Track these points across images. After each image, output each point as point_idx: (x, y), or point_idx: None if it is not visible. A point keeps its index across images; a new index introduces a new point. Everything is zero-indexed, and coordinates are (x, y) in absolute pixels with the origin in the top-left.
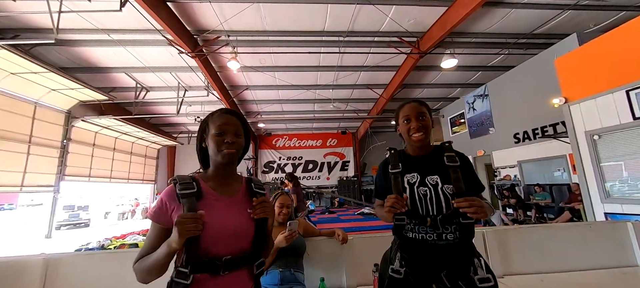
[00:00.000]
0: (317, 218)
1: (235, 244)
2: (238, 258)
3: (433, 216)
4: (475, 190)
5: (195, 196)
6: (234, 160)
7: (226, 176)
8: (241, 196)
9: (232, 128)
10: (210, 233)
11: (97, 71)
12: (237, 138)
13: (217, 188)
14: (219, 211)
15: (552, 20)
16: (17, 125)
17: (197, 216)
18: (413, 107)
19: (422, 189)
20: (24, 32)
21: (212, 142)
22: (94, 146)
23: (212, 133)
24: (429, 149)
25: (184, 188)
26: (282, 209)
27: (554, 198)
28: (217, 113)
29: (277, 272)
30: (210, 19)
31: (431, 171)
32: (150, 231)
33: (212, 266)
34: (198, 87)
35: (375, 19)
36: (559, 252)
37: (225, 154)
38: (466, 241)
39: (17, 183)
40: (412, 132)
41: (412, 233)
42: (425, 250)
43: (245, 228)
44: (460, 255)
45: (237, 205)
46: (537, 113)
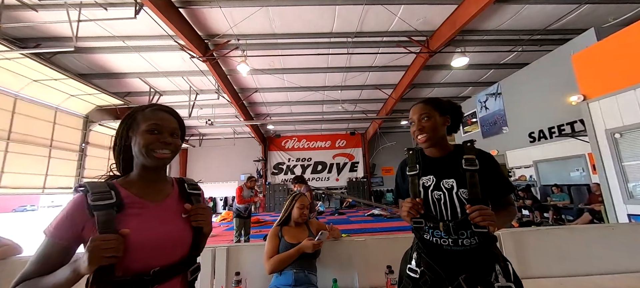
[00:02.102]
0: (326, 219)
1: (167, 254)
2: (170, 267)
3: (446, 221)
4: (502, 191)
5: (113, 207)
6: (167, 164)
7: (154, 180)
8: (173, 201)
9: (169, 127)
10: (138, 248)
11: (112, 76)
12: (174, 138)
13: (142, 194)
14: (146, 221)
15: (568, 15)
16: (39, 130)
17: (116, 239)
18: (416, 109)
19: (436, 193)
20: (46, 41)
21: (141, 139)
22: (110, 149)
23: (143, 129)
24: (447, 150)
25: (99, 199)
26: (303, 210)
27: (572, 199)
28: (151, 108)
29: (291, 273)
30: (221, 23)
31: (447, 174)
32: (43, 248)
33: (138, 283)
34: (209, 91)
35: (384, 19)
36: (579, 255)
37: (157, 157)
38: (486, 246)
39: (39, 185)
40: (416, 134)
41: (429, 236)
42: (442, 254)
43: (180, 237)
44: (480, 261)
45: (169, 211)
46: (553, 111)
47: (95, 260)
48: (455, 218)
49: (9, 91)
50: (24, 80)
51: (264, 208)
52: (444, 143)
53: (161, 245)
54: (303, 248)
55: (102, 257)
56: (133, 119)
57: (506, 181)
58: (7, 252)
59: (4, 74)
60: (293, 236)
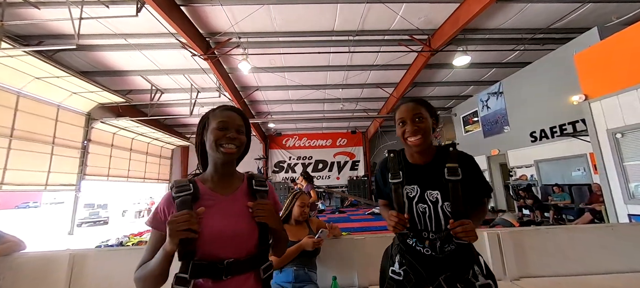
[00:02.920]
0: (327, 218)
1: (237, 246)
2: (242, 261)
3: (431, 236)
4: (481, 193)
5: (191, 196)
6: (234, 159)
7: (225, 176)
8: (241, 195)
9: (234, 124)
10: (209, 235)
11: (114, 74)
12: (239, 134)
13: (215, 188)
14: (217, 212)
15: (571, 14)
16: (42, 127)
17: (190, 214)
18: (408, 108)
19: (421, 206)
20: (48, 38)
21: (211, 136)
22: (112, 146)
23: (213, 127)
24: (430, 154)
25: (179, 191)
26: (304, 208)
27: (573, 199)
28: (220, 108)
29: (292, 271)
30: (222, 21)
31: (431, 185)
32: (149, 238)
33: (213, 270)
34: (210, 89)
35: (386, 18)
36: (579, 255)
37: (224, 151)
38: (465, 250)
39: (41, 182)
40: (408, 135)
41: (412, 242)
42: (424, 260)
43: (246, 229)
44: (459, 262)
45: (237, 205)
46: (555, 111)
47: (173, 234)
48: (439, 229)
49: (11, 89)
50: (26, 77)
51: None
52: (430, 148)
53: (228, 235)
54: (303, 246)
55: (178, 231)
56: (206, 119)
57: (486, 185)
58: (11, 248)
59: (6, 72)
60: (293, 234)
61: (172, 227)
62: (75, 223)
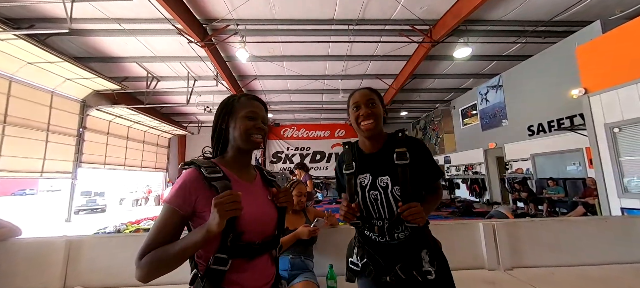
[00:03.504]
0: (324, 208)
1: (264, 229)
2: (267, 242)
3: (380, 224)
4: (432, 177)
5: (226, 178)
6: (258, 148)
7: (245, 163)
8: (260, 184)
9: (262, 114)
10: (245, 218)
11: (109, 60)
12: (265, 125)
13: (238, 174)
14: (247, 196)
15: (575, 6)
16: (36, 114)
17: (237, 194)
18: (363, 94)
19: (373, 193)
20: (39, 21)
21: (241, 124)
22: (108, 134)
23: (242, 115)
24: (380, 142)
25: (212, 172)
26: (300, 197)
27: (567, 193)
28: (247, 97)
29: (288, 259)
30: (219, 7)
31: (382, 171)
32: (164, 218)
33: (249, 250)
34: (207, 77)
35: (387, 7)
36: (572, 246)
37: (254, 141)
38: (417, 235)
39: (37, 169)
40: (361, 119)
41: (368, 232)
42: (379, 248)
43: (270, 214)
44: (412, 249)
45: (258, 192)
46: (554, 105)
47: (223, 213)
48: (391, 215)
49: (4, 74)
50: (18, 62)
51: None
52: (381, 135)
53: (260, 218)
54: (299, 235)
55: (228, 210)
56: (231, 106)
57: (436, 168)
58: (6, 234)
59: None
60: (290, 223)
61: (221, 207)
62: (73, 211)
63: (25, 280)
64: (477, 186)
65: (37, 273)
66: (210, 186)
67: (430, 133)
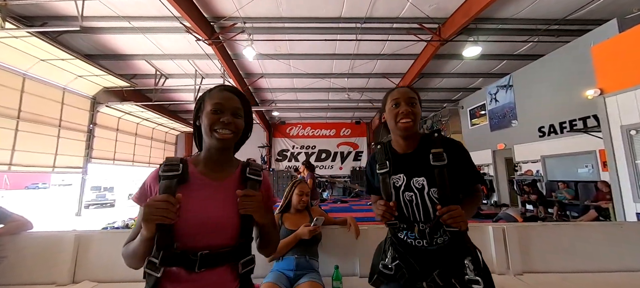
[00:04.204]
0: (329, 207)
1: (216, 237)
2: (219, 254)
3: (420, 226)
4: (470, 180)
5: (177, 178)
6: (230, 144)
7: (219, 161)
8: (232, 183)
9: (231, 106)
10: (187, 223)
11: (119, 58)
12: (235, 118)
13: (206, 172)
14: (201, 198)
15: (590, 5)
16: (48, 110)
17: (169, 200)
18: (404, 91)
19: (408, 194)
20: (52, 19)
21: (205, 119)
22: (117, 131)
23: (207, 110)
24: (415, 142)
25: (167, 170)
26: (302, 196)
27: (578, 196)
28: (216, 89)
29: (293, 259)
30: (227, 5)
31: (417, 172)
32: (137, 215)
33: (185, 260)
34: (214, 75)
35: (395, 5)
36: (585, 252)
37: (218, 137)
38: (458, 241)
39: (49, 164)
40: (400, 117)
41: (403, 235)
42: (416, 253)
43: (228, 220)
44: (453, 255)
45: (224, 192)
46: (566, 106)
47: (147, 219)
48: (427, 218)
49: (18, 70)
50: (32, 59)
51: None
52: (415, 136)
53: (206, 224)
54: (300, 235)
55: (153, 216)
56: (202, 101)
57: (475, 171)
58: (18, 227)
59: (12, 53)
60: (293, 223)
61: (147, 211)
62: (83, 205)
63: (35, 273)
64: (484, 187)
65: (46, 267)
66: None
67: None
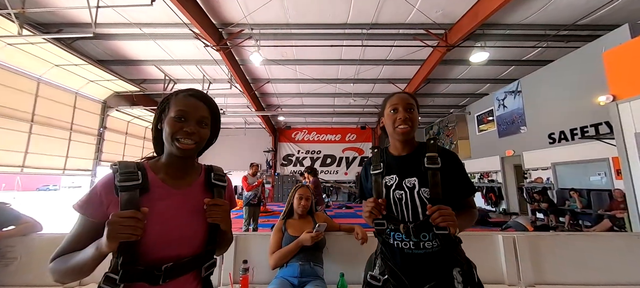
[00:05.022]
0: (334, 213)
1: (181, 247)
2: (183, 263)
3: (406, 223)
4: (464, 192)
5: (138, 188)
6: (192, 155)
7: (181, 167)
8: (196, 190)
9: (196, 114)
10: (151, 236)
11: (129, 63)
12: (200, 127)
13: (167, 179)
14: (165, 208)
15: (600, 10)
16: (61, 113)
17: (136, 216)
18: (403, 98)
19: (398, 192)
20: (66, 26)
21: (167, 127)
22: (126, 134)
23: (170, 116)
24: (412, 147)
25: (126, 179)
26: (301, 201)
27: (591, 204)
28: (183, 94)
29: (297, 265)
30: (235, 12)
31: (410, 173)
32: (75, 224)
33: (149, 276)
34: (222, 80)
35: (401, 11)
36: (600, 263)
37: (180, 147)
38: (448, 249)
39: (60, 166)
40: (398, 123)
41: (391, 239)
42: (403, 258)
43: (194, 229)
44: (442, 265)
45: (189, 201)
46: (576, 112)
47: (113, 236)
48: (416, 219)
49: (32, 75)
50: (46, 64)
51: (272, 198)
52: (412, 141)
53: (172, 235)
54: (302, 241)
55: (119, 234)
56: (167, 104)
57: (468, 182)
58: (28, 229)
59: (28, 58)
60: (297, 229)
61: (112, 229)
62: None
63: (43, 274)
64: (493, 194)
65: None
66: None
67: (443, 139)
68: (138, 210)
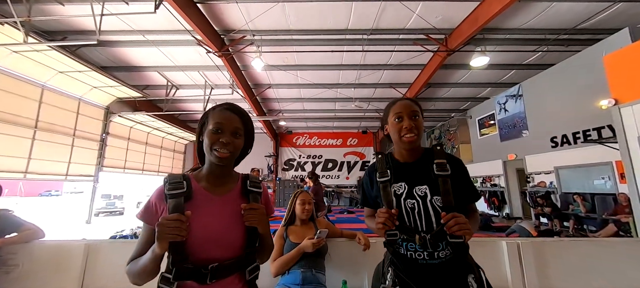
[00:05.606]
0: (335, 218)
1: (224, 249)
2: (227, 265)
3: (422, 234)
4: (469, 198)
5: (183, 196)
6: (229, 163)
7: (220, 176)
8: (234, 197)
9: (231, 126)
10: (196, 238)
11: (132, 69)
12: (235, 138)
13: (209, 187)
14: (208, 213)
15: (600, 14)
16: (64, 119)
17: (181, 219)
18: (407, 105)
19: (410, 202)
20: (71, 34)
21: (207, 138)
22: (129, 140)
23: (209, 129)
24: (418, 154)
25: (173, 188)
26: (304, 206)
27: (595, 209)
28: (219, 108)
29: (299, 272)
30: (237, 19)
31: (420, 181)
32: (141, 232)
33: (197, 274)
34: (223, 86)
35: (401, 16)
36: (606, 269)
37: (217, 155)
38: (461, 257)
39: (62, 172)
40: (404, 132)
41: (403, 250)
42: (417, 269)
43: (234, 233)
44: (455, 273)
45: (229, 207)
46: (579, 116)
47: (161, 237)
48: (429, 228)
49: (37, 82)
50: (51, 71)
51: (274, 203)
52: (418, 148)
53: (215, 238)
54: (303, 248)
55: (166, 235)
56: (206, 118)
57: (473, 188)
58: (30, 236)
59: (33, 65)
60: (298, 235)
61: (160, 230)
62: (93, 213)
63: (45, 281)
64: (495, 199)
65: (56, 275)
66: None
67: (445, 143)
68: (182, 214)
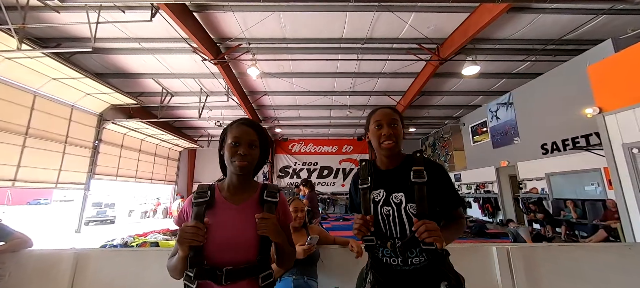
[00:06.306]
0: (331, 225)
1: (237, 254)
2: (241, 269)
3: (394, 240)
4: (450, 204)
5: (206, 204)
6: (247, 172)
7: (239, 185)
8: (251, 205)
9: (247, 139)
10: (213, 242)
11: (127, 76)
12: (251, 149)
13: (229, 196)
14: (225, 220)
15: (584, 26)
16: (56, 126)
17: (198, 226)
18: (386, 113)
19: (386, 208)
20: (66, 41)
21: (227, 152)
22: (122, 147)
23: (228, 143)
24: (398, 161)
25: (199, 197)
26: (297, 213)
27: (586, 215)
28: (236, 123)
29: (291, 280)
30: (233, 27)
31: (397, 188)
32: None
33: (213, 275)
34: (219, 93)
35: (394, 26)
36: (594, 274)
37: (237, 165)
38: (435, 264)
39: (52, 180)
40: (383, 139)
41: (380, 255)
42: (392, 274)
43: (247, 239)
44: (429, 280)
45: (245, 215)
46: (567, 123)
47: (180, 241)
48: (403, 235)
49: (29, 88)
50: (44, 78)
51: None
52: (399, 155)
53: (228, 244)
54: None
55: (185, 240)
56: (225, 133)
57: (455, 194)
58: (19, 245)
59: (26, 72)
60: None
61: (181, 235)
62: (83, 222)
63: None
64: (489, 205)
65: (45, 285)
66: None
67: (439, 150)
68: (201, 222)
